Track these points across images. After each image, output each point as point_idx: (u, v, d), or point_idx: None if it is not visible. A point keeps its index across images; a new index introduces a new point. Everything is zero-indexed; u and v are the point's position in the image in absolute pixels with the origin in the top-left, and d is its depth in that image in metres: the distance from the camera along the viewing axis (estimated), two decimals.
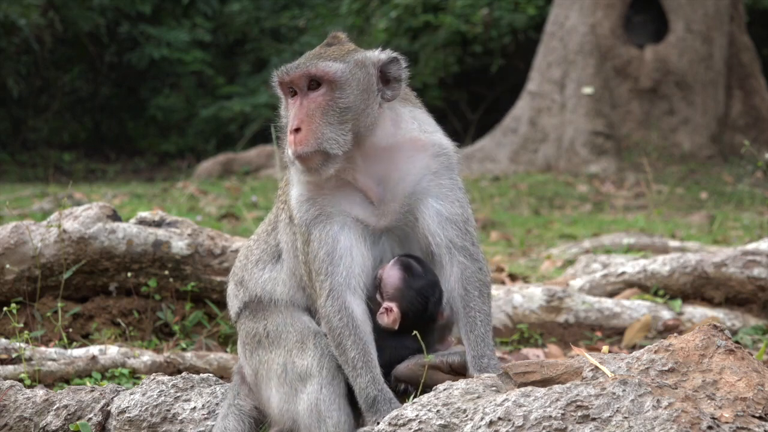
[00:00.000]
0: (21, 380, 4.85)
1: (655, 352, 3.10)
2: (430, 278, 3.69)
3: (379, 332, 3.68)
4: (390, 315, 3.66)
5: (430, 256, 3.74)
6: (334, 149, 3.55)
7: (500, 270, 8.02)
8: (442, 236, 3.68)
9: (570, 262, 9.03)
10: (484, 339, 3.66)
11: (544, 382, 3.13)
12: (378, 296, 3.70)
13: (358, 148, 3.62)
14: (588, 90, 18.77)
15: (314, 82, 3.61)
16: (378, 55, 3.67)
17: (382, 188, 3.67)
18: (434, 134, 3.77)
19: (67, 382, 5.01)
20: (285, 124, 3.72)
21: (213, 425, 3.93)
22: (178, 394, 4.07)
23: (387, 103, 3.68)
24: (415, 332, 3.59)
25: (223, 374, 5.11)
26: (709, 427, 2.79)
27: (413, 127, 3.75)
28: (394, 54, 3.69)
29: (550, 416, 2.91)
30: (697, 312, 6.30)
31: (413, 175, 3.69)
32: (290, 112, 3.64)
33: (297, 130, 3.56)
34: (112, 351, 5.20)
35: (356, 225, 3.66)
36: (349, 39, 3.85)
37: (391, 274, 3.67)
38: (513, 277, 7.82)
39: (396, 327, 3.66)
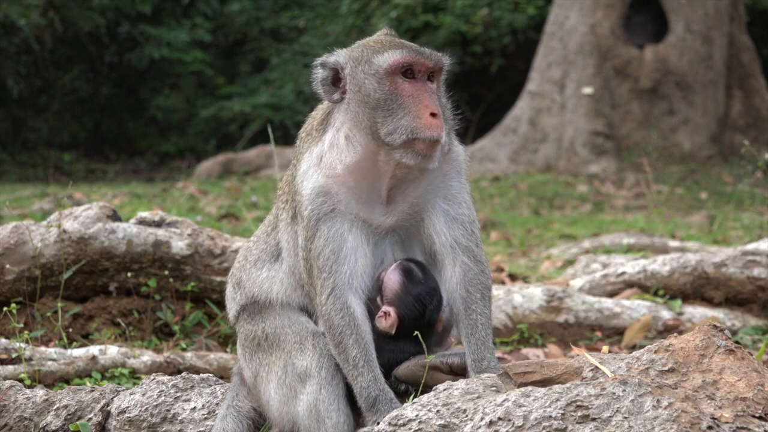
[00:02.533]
0: (21, 380, 4.85)
1: (655, 352, 3.10)
2: (430, 285, 3.69)
3: (378, 335, 3.68)
4: (388, 319, 3.66)
5: (433, 256, 3.74)
6: (446, 141, 3.62)
7: (500, 270, 8.02)
8: (447, 235, 3.69)
9: (570, 262, 9.03)
10: (484, 342, 3.66)
11: (544, 382, 3.12)
12: (378, 298, 3.70)
13: None
14: (588, 90, 18.77)
15: (433, 74, 3.64)
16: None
17: (395, 188, 3.68)
18: (450, 134, 3.80)
19: (67, 382, 5.01)
20: (391, 101, 3.59)
21: (212, 426, 3.93)
22: (178, 394, 4.07)
23: None
24: (415, 334, 3.59)
25: (223, 374, 5.11)
26: (709, 427, 2.79)
27: None
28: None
29: (550, 416, 2.91)
30: (697, 312, 6.30)
31: (424, 176, 3.70)
32: (417, 95, 3.58)
33: (434, 115, 3.56)
34: (112, 351, 5.20)
35: (363, 225, 3.67)
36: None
37: (392, 278, 3.67)
38: (513, 277, 7.82)
39: (393, 331, 3.66)
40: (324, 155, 3.69)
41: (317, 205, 3.66)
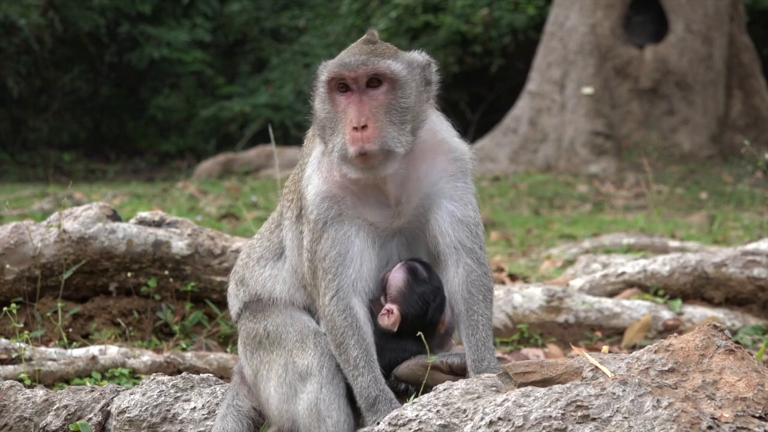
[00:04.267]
0: (21, 380, 4.85)
1: (655, 352, 3.10)
2: (434, 284, 3.70)
3: (380, 335, 3.68)
4: (390, 317, 3.67)
5: (437, 257, 3.74)
6: (398, 148, 3.54)
7: (500, 270, 8.02)
8: (452, 236, 3.68)
9: (570, 262, 9.03)
10: (485, 343, 3.66)
11: (544, 382, 3.12)
12: (382, 298, 3.71)
13: (412, 148, 3.64)
14: (588, 90, 18.77)
15: (375, 80, 3.57)
16: (420, 57, 3.70)
17: (401, 190, 3.68)
18: (454, 138, 3.79)
19: (67, 382, 5.01)
20: (330, 120, 3.62)
21: (212, 425, 3.93)
22: (178, 394, 4.07)
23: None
24: (417, 335, 3.60)
25: (223, 374, 5.11)
26: (709, 427, 2.79)
27: (442, 128, 3.78)
28: (429, 58, 3.73)
29: (550, 416, 2.91)
30: (697, 312, 6.30)
31: (431, 177, 3.70)
32: (347, 109, 3.56)
33: (363, 127, 3.51)
34: (112, 351, 5.20)
35: (369, 228, 3.66)
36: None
37: (396, 277, 3.68)
38: (513, 277, 7.82)
39: (395, 329, 3.67)
40: (324, 159, 3.69)
41: (323, 210, 3.65)
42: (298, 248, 3.80)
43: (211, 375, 4.24)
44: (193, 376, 4.18)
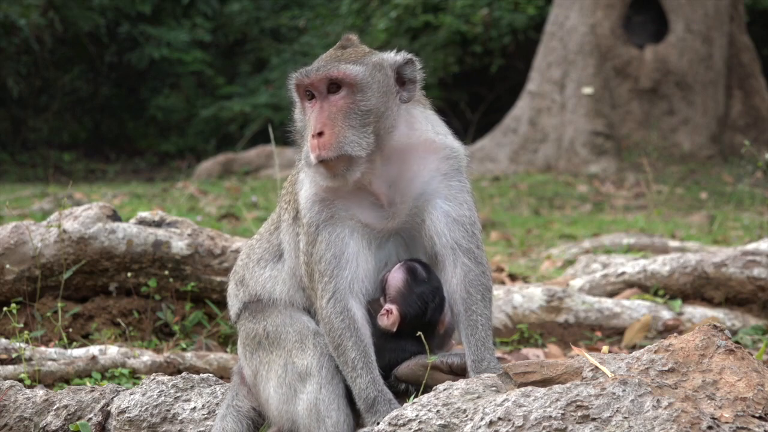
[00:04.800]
0: (21, 380, 4.85)
1: (655, 352, 3.10)
2: (433, 284, 3.70)
3: (379, 335, 3.68)
4: (390, 317, 3.67)
5: (434, 257, 3.74)
6: (357, 152, 3.53)
7: (500, 270, 8.02)
8: (448, 237, 3.68)
9: (570, 262, 9.03)
10: (484, 343, 3.66)
11: (544, 382, 3.12)
12: (381, 298, 3.71)
13: (379, 150, 3.62)
14: (588, 90, 18.77)
15: (334, 85, 3.57)
16: (394, 57, 3.67)
17: (393, 190, 3.67)
18: (446, 136, 3.78)
19: (67, 382, 5.01)
20: (303, 128, 3.68)
21: (212, 426, 3.93)
22: (178, 394, 4.07)
23: (403, 105, 3.68)
24: (417, 334, 3.60)
25: (223, 374, 5.11)
26: (709, 427, 2.79)
27: (427, 128, 3.75)
28: (410, 56, 3.68)
29: (550, 416, 2.91)
30: (697, 312, 6.30)
31: (423, 176, 3.69)
32: (310, 116, 3.59)
33: (320, 134, 3.52)
34: (112, 351, 5.20)
35: (364, 230, 3.66)
36: (360, 41, 3.83)
37: (396, 277, 3.68)
38: (513, 277, 7.82)
39: (394, 329, 3.67)
40: None
41: (315, 213, 3.66)
42: (295, 250, 3.81)
43: (211, 375, 4.24)
44: (193, 376, 4.18)
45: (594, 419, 2.88)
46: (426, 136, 3.72)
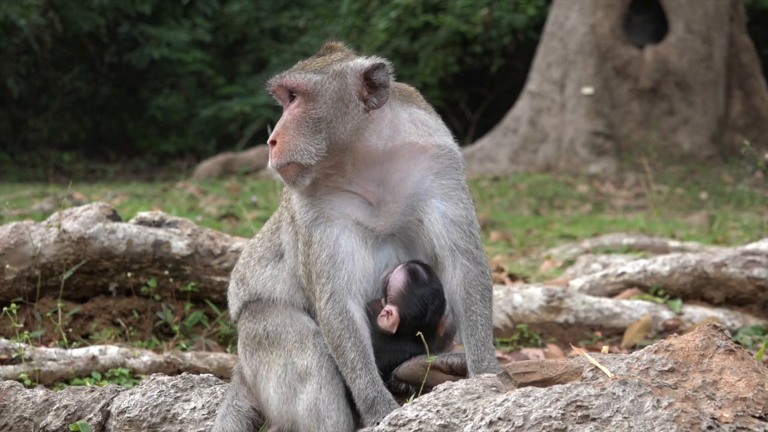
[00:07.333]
0: (21, 380, 4.85)
1: (655, 352, 3.10)
2: (434, 287, 3.70)
3: (379, 336, 3.69)
4: (389, 318, 3.67)
5: (434, 258, 3.74)
6: (305, 160, 3.57)
7: (500, 270, 8.02)
8: (446, 238, 3.68)
9: (570, 262, 9.03)
10: (484, 343, 3.66)
11: (544, 382, 3.12)
12: (382, 299, 3.71)
13: (348, 154, 3.62)
14: (588, 90, 18.77)
15: (292, 94, 3.64)
16: (361, 62, 3.65)
17: (381, 189, 3.67)
18: (434, 135, 3.75)
19: (67, 382, 5.01)
20: None
21: (212, 425, 3.93)
22: (178, 395, 4.07)
23: (387, 107, 3.66)
24: (417, 335, 3.60)
25: (223, 374, 5.11)
26: (709, 427, 2.79)
27: (411, 130, 3.72)
28: (380, 60, 3.65)
29: (550, 416, 2.91)
30: (697, 312, 6.30)
31: (414, 175, 3.68)
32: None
33: (273, 142, 3.60)
34: (112, 351, 5.20)
35: (357, 228, 3.66)
36: (345, 46, 3.82)
37: (397, 278, 3.69)
38: (513, 277, 7.82)
39: (394, 330, 3.67)
40: None
41: (304, 212, 3.69)
42: (294, 251, 3.82)
43: (211, 375, 4.24)
44: (193, 376, 4.19)
45: (594, 419, 2.88)
46: (408, 138, 3.70)
